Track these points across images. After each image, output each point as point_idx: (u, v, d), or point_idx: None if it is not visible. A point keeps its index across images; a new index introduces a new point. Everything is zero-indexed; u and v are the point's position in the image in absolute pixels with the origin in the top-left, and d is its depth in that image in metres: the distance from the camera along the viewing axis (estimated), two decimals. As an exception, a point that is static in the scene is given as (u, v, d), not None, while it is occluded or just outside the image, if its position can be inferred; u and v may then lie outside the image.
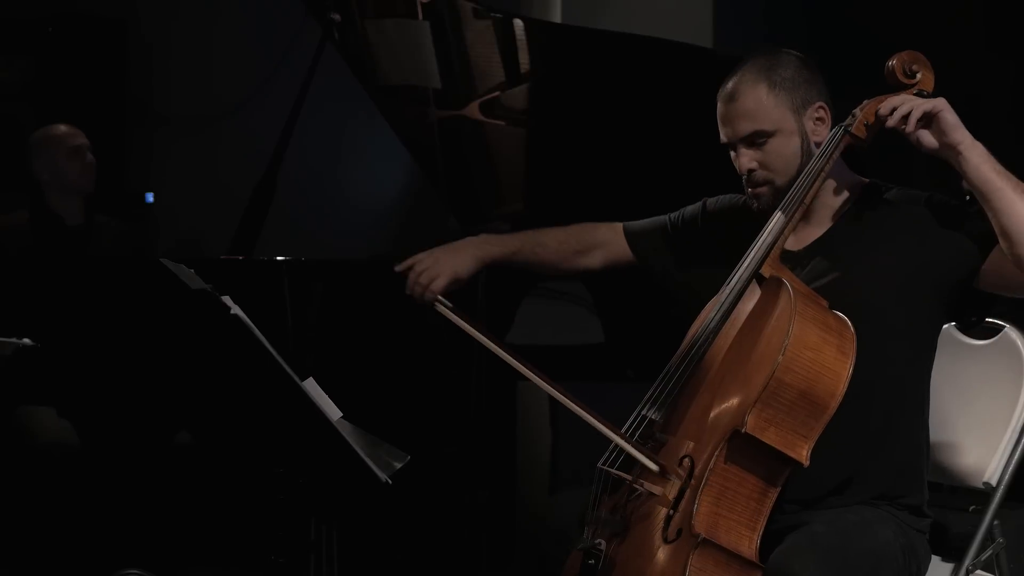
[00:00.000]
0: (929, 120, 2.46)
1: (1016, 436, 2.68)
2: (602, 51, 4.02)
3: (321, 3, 4.18)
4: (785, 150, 2.57)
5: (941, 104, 2.45)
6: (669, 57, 3.99)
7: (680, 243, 2.84)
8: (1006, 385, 2.71)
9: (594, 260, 2.91)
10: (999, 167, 2.43)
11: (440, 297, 2.73)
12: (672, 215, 2.88)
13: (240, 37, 6.12)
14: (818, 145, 2.58)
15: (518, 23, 4.00)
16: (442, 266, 2.75)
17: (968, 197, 3.79)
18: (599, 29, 4.28)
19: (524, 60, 4.04)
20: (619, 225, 2.92)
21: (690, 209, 2.87)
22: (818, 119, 2.59)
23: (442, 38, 4.07)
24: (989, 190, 2.42)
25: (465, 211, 4.41)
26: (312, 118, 4.39)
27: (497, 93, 4.08)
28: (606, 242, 2.90)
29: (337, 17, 4.18)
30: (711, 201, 2.84)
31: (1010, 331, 2.76)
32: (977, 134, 2.46)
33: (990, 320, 2.81)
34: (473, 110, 4.13)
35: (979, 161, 2.43)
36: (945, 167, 2.49)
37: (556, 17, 5.30)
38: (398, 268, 2.76)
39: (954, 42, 4.38)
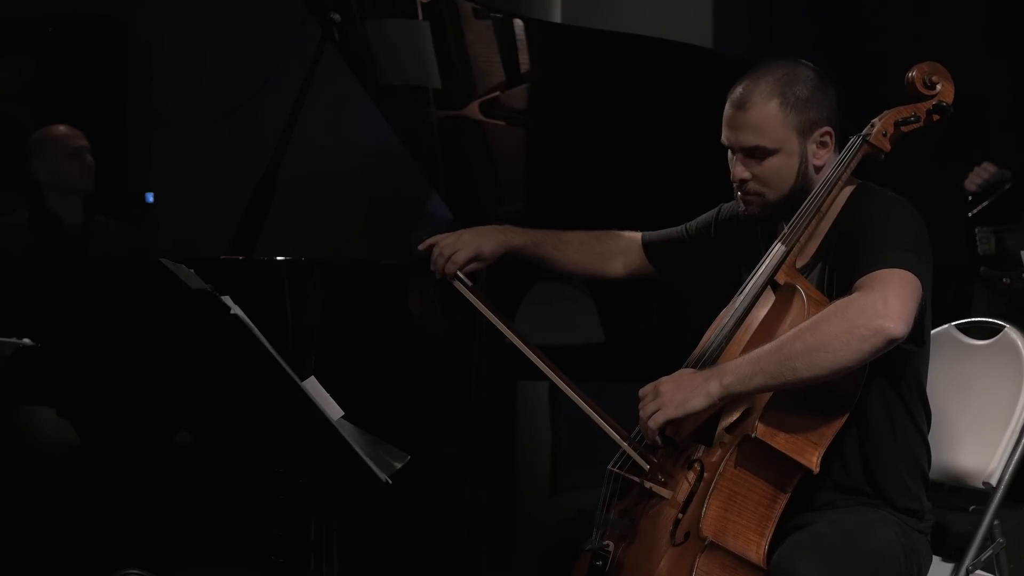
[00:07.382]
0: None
1: (1016, 436, 2.68)
2: (602, 51, 4.01)
3: (321, 3, 4.18)
4: (782, 170, 2.55)
5: (665, 410, 2.40)
6: (669, 57, 3.98)
7: (696, 252, 2.83)
8: (1006, 385, 2.71)
9: (616, 267, 2.91)
10: (744, 373, 2.37)
11: (460, 274, 2.76)
12: (688, 224, 2.87)
13: (240, 37, 6.12)
14: (817, 169, 2.56)
15: (518, 23, 3.99)
16: (464, 242, 2.78)
17: (970, 198, 3.81)
18: (599, 29, 4.27)
19: (524, 60, 4.03)
20: (638, 235, 2.92)
21: (704, 216, 2.85)
22: (821, 143, 2.56)
23: (442, 38, 4.06)
24: (774, 386, 2.36)
25: (465, 211, 4.41)
26: (312, 118, 4.39)
27: (497, 93, 4.08)
28: (626, 250, 2.90)
29: (337, 17, 4.17)
30: (726, 207, 2.82)
31: (1010, 331, 2.75)
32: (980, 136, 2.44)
33: (990, 320, 2.81)
34: (473, 110, 4.13)
35: (740, 390, 2.38)
36: (947, 173, 2.47)
37: (556, 17, 5.31)
38: (421, 246, 2.78)
39: (955, 43, 4.38)
